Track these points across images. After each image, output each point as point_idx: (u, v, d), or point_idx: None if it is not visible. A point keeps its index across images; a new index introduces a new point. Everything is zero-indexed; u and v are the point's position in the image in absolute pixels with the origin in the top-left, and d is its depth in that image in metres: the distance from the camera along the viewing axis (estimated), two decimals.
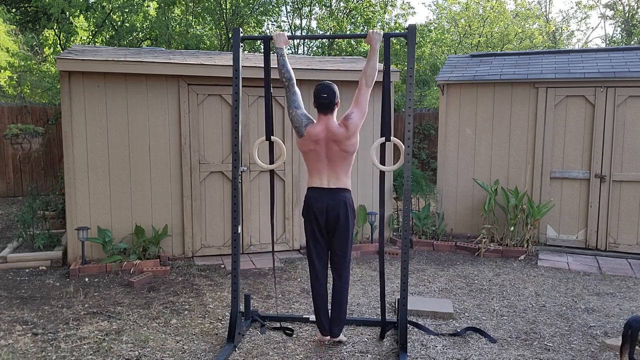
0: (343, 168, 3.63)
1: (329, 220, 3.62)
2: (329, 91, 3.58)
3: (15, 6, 14.69)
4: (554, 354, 3.71)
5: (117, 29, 13.51)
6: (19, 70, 12.67)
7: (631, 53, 7.01)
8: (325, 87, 3.60)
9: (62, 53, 6.38)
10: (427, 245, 6.64)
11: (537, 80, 6.64)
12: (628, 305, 4.72)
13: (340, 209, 3.59)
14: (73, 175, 5.57)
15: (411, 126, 3.59)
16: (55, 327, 4.05)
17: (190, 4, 15.38)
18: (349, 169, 3.68)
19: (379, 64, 3.78)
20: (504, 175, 6.90)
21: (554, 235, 6.70)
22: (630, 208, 6.36)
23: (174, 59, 5.98)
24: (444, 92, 7.15)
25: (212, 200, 6.09)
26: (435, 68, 15.98)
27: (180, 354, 3.62)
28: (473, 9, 20.37)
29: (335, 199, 3.60)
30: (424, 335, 3.98)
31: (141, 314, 4.34)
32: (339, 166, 3.62)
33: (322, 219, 3.62)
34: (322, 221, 3.62)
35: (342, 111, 6.62)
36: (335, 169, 3.62)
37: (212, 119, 6.02)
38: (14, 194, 10.29)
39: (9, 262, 5.57)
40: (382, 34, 3.68)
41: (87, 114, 5.59)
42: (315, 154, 3.61)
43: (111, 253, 5.56)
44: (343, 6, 17.16)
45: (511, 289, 5.11)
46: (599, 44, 24.20)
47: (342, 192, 3.64)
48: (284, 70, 3.69)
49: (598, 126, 6.42)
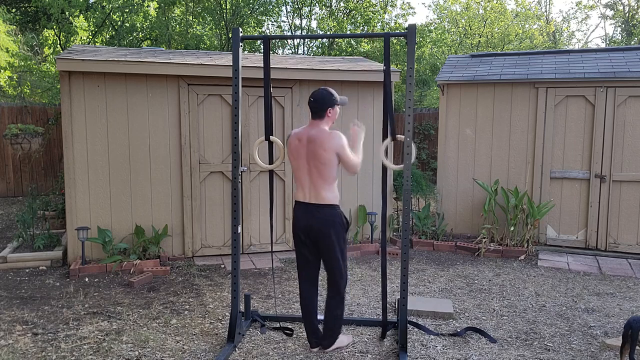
0: (323, 181, 3.42)
1: (313, 240, 3.50)
2: (318, 97, 3.46)
3: (15, 6, 14.69)
4: (554, 354, 3.71)
5: (117, 29, 13.51)
6: (19, 70, 12.67)
7: (631, 53, 7.01)
8: (316, 92, 3.51)
9: (62, 53, 6.38)
10: (427, 245, 6.63)
11: (537, 80, 6.64)
12: (628, 305, 4.72)
13: (322, 229, 3.42)
14: (73, 175, 5.57)
15: (411, 126, 3.59)
16: (55, 327, 4.05)
17: (190, 4, 15.38)
18: (330, 182, 3.44)
19: (378, 63, 3.77)
20: (504, 175, 6.90)
21: (554, 235, 6.70)
22: (630, 208, 6.36)
23: (174, 59, 5.98)
24: (444, 92, 7.15)
25: (212, 200, 6.09)
26: (435, 68, 15.98)
27: (180, 354, 3.62)
28: (473, 9, 20.37)
29: (318, 218, 3.44)
30: (424, 335, 3.98)
31: (141, 314, 4.34)
32: (319, 179, 3.43)
33: (306, 238, 3.51)
34: (307, 240, 3.52)
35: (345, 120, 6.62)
36: (315, 181, 3.44)
37: (212, 119, 6.02)
38: (14, 194, 10.29)
39: (9, 262, 5.57)
40: (364, 128, 3.67)
41: (87, 114, 5.59)
42: (296, 160, 3.48)
43: (111, 253, 5.56)
44: (343, 6, 17.17)
45: (511, 289, 5.11)
46: (599, 44, 24.20)
47: (324, 208, 3.44)
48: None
49: (598, 126, 6.42)
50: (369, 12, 16.66)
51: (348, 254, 6.23)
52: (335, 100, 3.52)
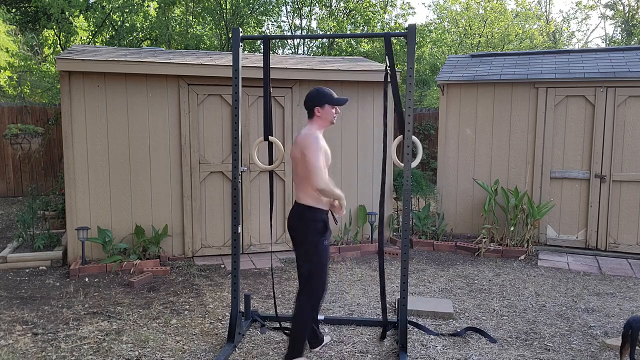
0: (300, 181, 3.39)
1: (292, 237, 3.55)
2: (306, 96, 3.42)
3: (15, 6, 14.69)
4: (554, 354, 3.71)
5: (117, 29, 13.51)
6: (19, 70, 12.68)
7: (631, 53, 7.01)
8: (309, 91, 3.46)
9: (62, 53, 6.38)
10: (427, 245, 6.63)
11: (537, 80, 6.64)
12: (628, 305, 4.72)
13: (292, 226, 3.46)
14: (73, 175, 5.57)
15: (411, 126, 3.59)
16: (55, 327, 4.05)
17: (190, 4, 15.38)
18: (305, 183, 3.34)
19: (378, 63, 3.77)
20: (504, 175, 6.90)
21: (554, 235, 6.70)
22: (630, 208, 6.36)
23: (174, 59, 5.98)
24: (444, 92, 7.15)
25: (212, 201, 6.09)
26: (435, 68, 15.99)
27: (180, 354, 3.62)
28: (474, 9, 20.37)
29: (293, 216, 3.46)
30: (424, 335, 3.98)
31: (141, 314, 4.34)
32: (296, 179, 3.43)
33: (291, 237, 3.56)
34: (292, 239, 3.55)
35: (345, 120, 6.64)
36: (296, 182, 3.45)
37: (212, 119, 6.02)
38: (14, 194, 10.29)
39: (9, 262, 5.57)
40: (345, 206, 3.48)
41: (87, 114, 5.59)
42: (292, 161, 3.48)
43: (111, 253, 5.56)
44: (343, 6, 17.17)
45: (511, 289, 5.11)
46: (599, 44, 24.21)
47: (300, 208, 3.42)
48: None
49: (598, 126, 6.42)
50: (369, 12, 16.67)
51: (348, 254, 6.26)
52: (323, 99, 3.37)
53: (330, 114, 3.42)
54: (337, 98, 3.45)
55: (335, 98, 3.44)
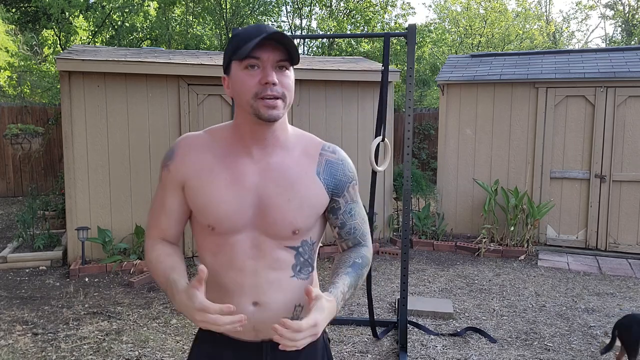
0: None
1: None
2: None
3: (15, 6, 14.68)
4: (554, 354, 3.71)
5: (117, 29, 13.51)
6: (19, 70, 12.68)
7: (631, 53, 7.01)
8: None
9: (62, 53, 6.38)
10: (427, 245, 6.63)
11: (537, 80, 6.64)
12: (628, 305, 4.72)
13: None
14: (73, 175, 5.57)
15: (411, 126, 3.59)
16: (55, 327, 4.05)
17: (190, 4, 15.38)
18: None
19: (378, 63, 3.76)
20: (504, 175, 6.89)
21: (554, 235, 6.70)
22: (630, 208, 6.36)
23: (174, 59, 5.98)
24: (444, 92, 7.15)
25: None
26: (435, 68, 15.99)
27: (180, 354, 3.62)
28: (474, 9, 20.37)
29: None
30: (424, 335, 3.98)
31: (141, 314, 4.34)
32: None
33: None
34: None
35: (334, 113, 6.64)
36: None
37: (212, 119, 6.02)
38: (14, 194, 10.29)
39: (9, 262, 5.57)
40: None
41: (87, 114, 5.59)
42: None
43: (111, 253, 5.56)
44: (343, 6, 17.17)
45: (511, 289, 5.11)
46: (599, 44, 24.21)
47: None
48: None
49: (598, 126, 6.42)
50: (369, 12, 16.65)
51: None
52: (226, 55, 1.40)
53: (245, 83, 1.34)
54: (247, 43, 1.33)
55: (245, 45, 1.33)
